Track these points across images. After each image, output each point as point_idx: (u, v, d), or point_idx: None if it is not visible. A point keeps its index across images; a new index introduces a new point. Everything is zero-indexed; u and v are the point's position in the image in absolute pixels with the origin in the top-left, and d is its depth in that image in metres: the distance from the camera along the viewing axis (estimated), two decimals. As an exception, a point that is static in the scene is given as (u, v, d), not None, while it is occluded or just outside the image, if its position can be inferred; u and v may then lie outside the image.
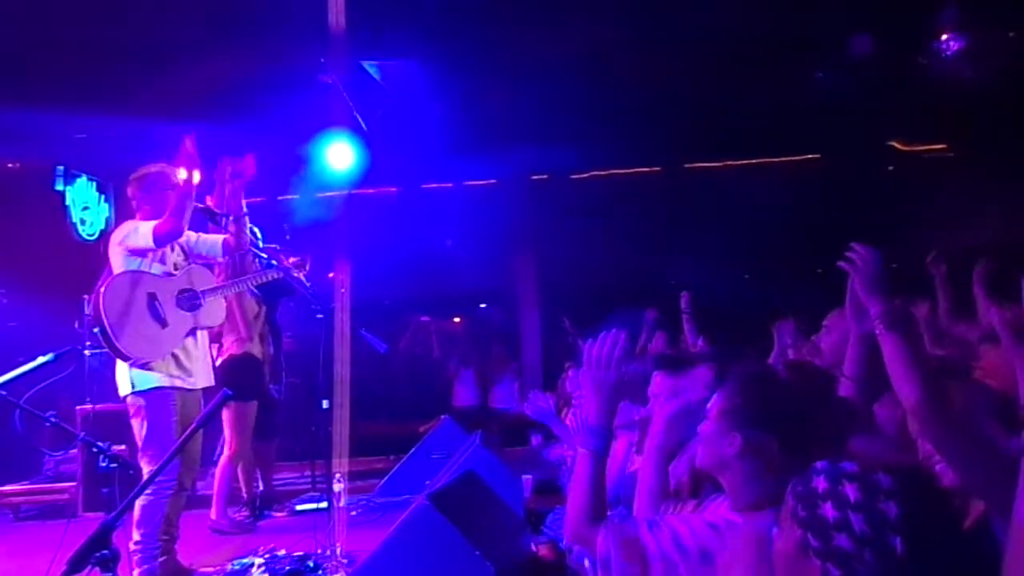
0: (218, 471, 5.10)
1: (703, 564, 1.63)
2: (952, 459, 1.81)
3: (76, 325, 3.85)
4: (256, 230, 5.06)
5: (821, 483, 1.24)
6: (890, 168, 8.89)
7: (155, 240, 3.86)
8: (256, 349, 5.24)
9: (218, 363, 4.92)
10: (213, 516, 5.05)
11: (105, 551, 2.06)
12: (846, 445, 1.76)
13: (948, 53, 5.68)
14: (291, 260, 4.59)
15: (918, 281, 4.21)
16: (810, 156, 8.91)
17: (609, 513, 1.89)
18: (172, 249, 4.04)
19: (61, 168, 7.31)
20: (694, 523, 1.70)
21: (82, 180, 7.59)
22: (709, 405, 1.88)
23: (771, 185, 8.51)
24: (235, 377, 4.82)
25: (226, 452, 5.11)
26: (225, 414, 5.02)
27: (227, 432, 5.10)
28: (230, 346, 5.19)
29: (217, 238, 4.22)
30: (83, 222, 7.56)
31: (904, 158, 8.67)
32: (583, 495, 1.80)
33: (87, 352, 5.39)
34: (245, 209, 4.22)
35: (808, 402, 1.76)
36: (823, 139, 8.27)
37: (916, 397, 1.84)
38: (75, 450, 5.65)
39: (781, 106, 7.21)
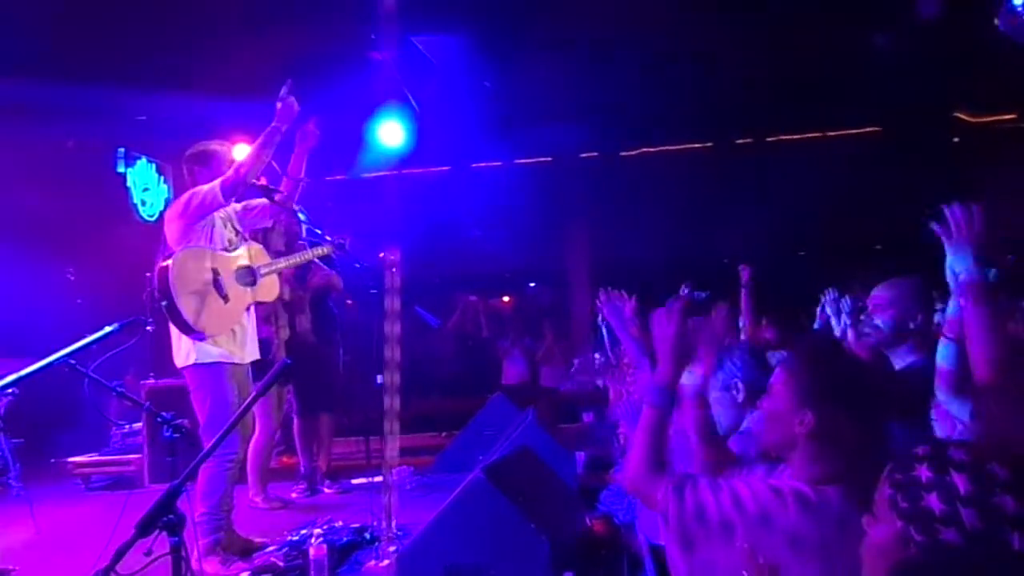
0: (250, 451, 5.11)
1: (762, 527, 1.60)
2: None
3: (144, 296, 3.92)
4: (301, 214, 5.10)
5: (924, 472, 1.15)
6: (955, 140, 8.52)
7: (223, 191, 3.85)
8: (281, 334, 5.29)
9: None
10: (256, 498, 5.13)
11: (171, 516, 2.12)
12: (926, 420, 1.70)
13: (1024, 13, 5.35)
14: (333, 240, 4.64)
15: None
16: (869, 129, 8.60)
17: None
18: (225, 226, 4.08)
19: (122, 150, 7.49)
20: (756, 486, 1.67)
21: (142, 162, 7.77)
22: (772, 380, 1.83)
23: (827, 160, 8.23)
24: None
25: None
26: None
27: (255, 411, 5.17)
28: None
29: (262, 201, 4.21)
30: (143, 203, 7.75)
31: (970, 129, 8.29)
32: (644, 449, 1.83)
33: (149, 328, 5.54)
34: (303, 173, 4.24)
35: (879, 375, 1.70)
36: (883, 110, 7.96)
37: (992, 374, 1.77)
38: (140, 423, 5.84)
39: (838, 76, 6.94)
